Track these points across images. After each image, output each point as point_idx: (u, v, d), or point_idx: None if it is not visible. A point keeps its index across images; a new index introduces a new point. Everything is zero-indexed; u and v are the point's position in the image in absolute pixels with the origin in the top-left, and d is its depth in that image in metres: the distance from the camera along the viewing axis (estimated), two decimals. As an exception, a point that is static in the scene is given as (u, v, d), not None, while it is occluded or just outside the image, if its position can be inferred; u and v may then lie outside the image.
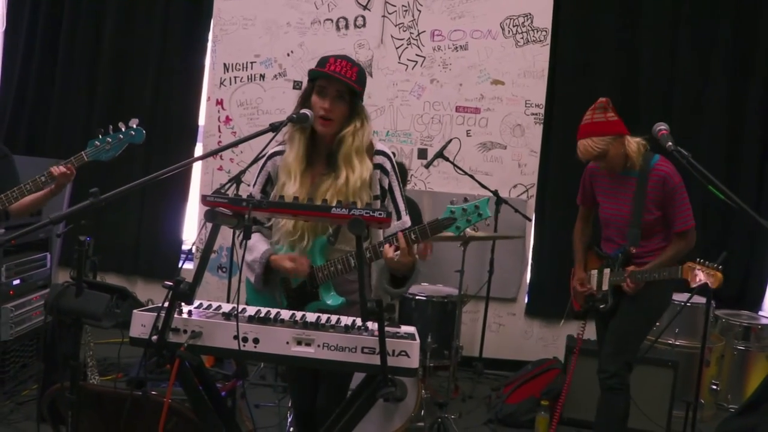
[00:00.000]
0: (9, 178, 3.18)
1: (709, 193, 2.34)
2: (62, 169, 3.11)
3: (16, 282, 4.05)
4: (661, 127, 2.64)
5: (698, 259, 3.15)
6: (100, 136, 3.18)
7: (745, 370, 4.83)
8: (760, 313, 5.28)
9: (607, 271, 3.47)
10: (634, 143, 3.29)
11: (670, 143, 2.54)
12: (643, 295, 3.33)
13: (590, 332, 5.13)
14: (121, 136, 3.19)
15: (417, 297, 4.43)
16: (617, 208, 3.41)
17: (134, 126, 3.19)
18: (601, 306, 3.50)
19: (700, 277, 3.10)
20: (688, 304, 3.78)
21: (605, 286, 3.47)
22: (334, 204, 1.97)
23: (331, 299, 2.45)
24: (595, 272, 3.56)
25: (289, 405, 2.82)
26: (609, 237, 3.52)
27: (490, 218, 2.27)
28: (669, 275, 3.21)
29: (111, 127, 3.20)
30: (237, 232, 2.52)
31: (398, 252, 2.28)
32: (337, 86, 2.42)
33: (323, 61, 2.46)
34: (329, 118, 2.43)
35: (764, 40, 5.20)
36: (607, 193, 3.46)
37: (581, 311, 3.66)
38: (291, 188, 2.44)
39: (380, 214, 1.92)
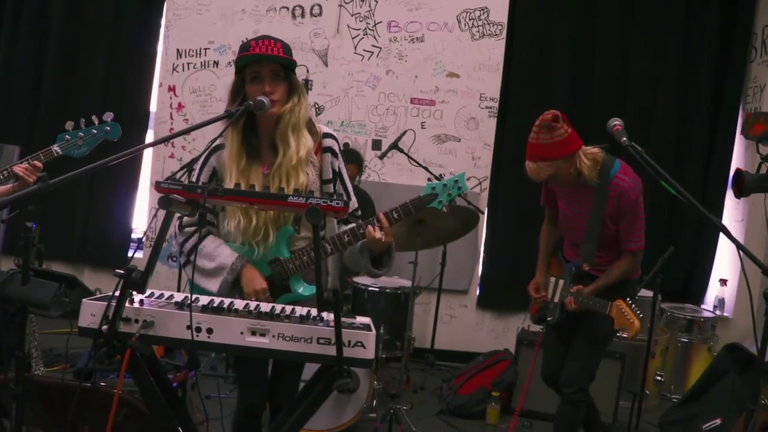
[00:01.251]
0: None
1: (659, 188, 2.40)
2: (25, 166, 2.77)
3: (-43, 270, 3.92)
4: (616, 122, 2.68)
5: (627, 300, 3.04)
6: (71, 130, 2.87)
7: (688, 362, 4.98)
8: (703, 306, 5.45)
9: (561, 282, 3.34)
10: (587, 159, 3.04)
11: (624, 138, 2.58)
12: (589, 315, 3.19)
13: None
14: (95, 131, 2.89)
15: (370, 288, 4.43)
16: (577, 215, 3.23)
17: (109, 120, 2.92)
18: (549, 318, 3.37)
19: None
20: (636, 297, 3.87)
21: (556, 299, 3.34)
22: (284, 189, 1.94)
23: (304, 289, 2.43)
24: (554, 280, 3.42)
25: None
26: (572, 242, 3.35)
27: (467, 192, 2.34)
28: (599, 309, 3.08)
29: (83, 120, 2.90)
30: (176, 233, 2.47)
31: (383, 232, 2.32)
32: (271, 66, 2.35)
33: (245, 47, 2.38)
34: (274, 100, 2.35)
35: (711, 39, 5.35)
36: (567, 198, 3.26)
37: (536, 318, 3.50)
38: (230, 184, 2.36)
39: (337, 203, 1.90)
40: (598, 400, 4.09)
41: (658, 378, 4.77)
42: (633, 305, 3.02)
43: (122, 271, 1.86)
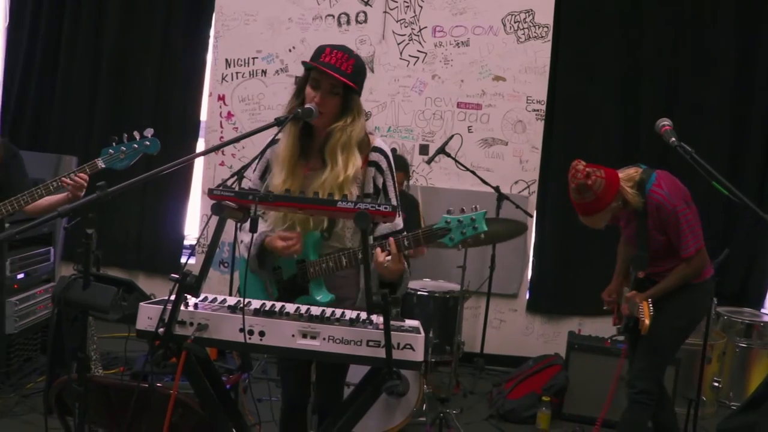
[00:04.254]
0: (20, 178, 3.06)
1: (713, 189, 2.36)
2: (69, 181, 2.99)
3: (21, 276, 4.07)
4: (665, 122, 2.65)
5: (648, 301, 3.17)
6: (114, 144, 3.07)
7: (747, 368, 4.84)
8: (762, 310, 5.29)
9: (626, 291, 3.42)
10: (628, 189, 3.15)
11: (673, 139, 2.55)
12: (667, 309, 3.23)
13: (590, 329, 5.14)
14: (136, 145, 3.09)
15: (419, 292, 4.44)
16: (630, 235, 3.39)
17: (149, 136, 3.09)
18: (618, 326, 3.49)
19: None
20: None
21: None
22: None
23: (321, 295, 2.42)
24: (626, 290, 3.46)
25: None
26: None
27: (485, 232, 2.17)
28: (635, 310, 3.22)
29: (126, 135, 3.09)
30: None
31: (389, 257, 2.23)
32: (331, 80, 2.37)
33: (319, 51, 2.41)
34: (320, 112, 2.38)
35: (766, 37, 5.21)
36: (626, 217, 3.39)
37: (619, 327, 3.55)
38: (278, 179, 2.41)
39: (386, 208, 1.93)
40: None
41: (716, 384, 4.65)
42: (651, 307, 3.14)
43: (177, 276, 1.91)
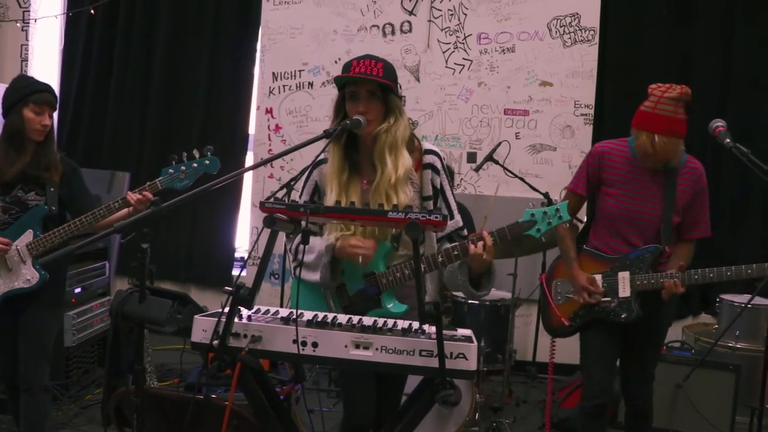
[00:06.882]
0: (82, 193, 3.10)
1: (766, 191, 2.30)
2: (138, 196, 2.96)
3: (78, 290, 4.17)
4: (719, 123, 2.60)
5: None
6: (174, 164, 3.02)
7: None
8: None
9: (625, 274, 2.97)
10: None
11: (728, 140, 2.49)
12: (661, 312, 3.01)
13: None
14: (195, 165, 3.02)
15: (469, 301, 4.41)
16: (643, 205, 2.96)
17: (209, 154, 3.04)
18: (623, 316, 2.97)
19: None
20: (749, 306, 3.67)
21: (625, 293, 2.97)
22: (383, 207, 1.96)
23: (395, 306, 2.42)
24: (599, 277, 3.05)
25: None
26: (624, 237, 3.03)
27: (567, 222, 2.25)
28: (757, 273, 2.72)
29: (185, 154, 3.03)
30: (287, 236, 2.53)
31: (486, 251, 2.27)
32: (367, 86, 2.40)
33: (347, 66, 2.44)
34: (369, 120, 2.39)
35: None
36: (627, 185, 2.99)
37: (574, 326, 3.19)
38: (331, 199, 2.41)
39: (436, 217, 1.92)
40: (711, 414, 3.91)
41: (778, 391, 4.49)
42: None
43: (231, 289, 1.94)
